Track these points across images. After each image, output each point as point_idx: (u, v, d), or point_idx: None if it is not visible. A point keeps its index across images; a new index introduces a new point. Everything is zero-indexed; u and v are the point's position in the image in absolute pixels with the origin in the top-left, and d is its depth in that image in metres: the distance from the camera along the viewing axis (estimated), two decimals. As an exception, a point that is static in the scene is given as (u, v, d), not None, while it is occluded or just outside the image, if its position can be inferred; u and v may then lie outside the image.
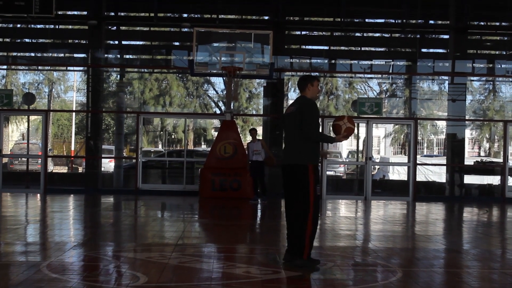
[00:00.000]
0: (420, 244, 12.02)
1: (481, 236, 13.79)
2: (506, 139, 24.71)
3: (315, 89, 9.19)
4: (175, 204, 19.90)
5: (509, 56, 29.48)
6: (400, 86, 33.91)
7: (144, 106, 38.04)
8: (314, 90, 9.19)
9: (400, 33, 28.49)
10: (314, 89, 9.18)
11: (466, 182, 26.33)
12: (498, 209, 20.96)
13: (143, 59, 30.84)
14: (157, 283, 7.68)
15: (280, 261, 9.38)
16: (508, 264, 10.03)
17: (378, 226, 14.70)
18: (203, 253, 10.33)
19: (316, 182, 8.85)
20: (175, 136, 44.77)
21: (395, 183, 30.35)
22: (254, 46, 22.71)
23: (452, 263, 10.00)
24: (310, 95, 9.16)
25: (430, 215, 18.74)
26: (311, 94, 9.18)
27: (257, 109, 41.22)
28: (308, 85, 9.17)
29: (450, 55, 26.70)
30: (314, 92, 9.20)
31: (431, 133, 52.02)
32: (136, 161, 23.86)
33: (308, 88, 9.17)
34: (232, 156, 21.77)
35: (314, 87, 9.17)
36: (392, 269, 9.03)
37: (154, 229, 13.66)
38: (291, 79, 37.76)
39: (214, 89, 42.33)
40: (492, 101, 39.32)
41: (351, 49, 29.84)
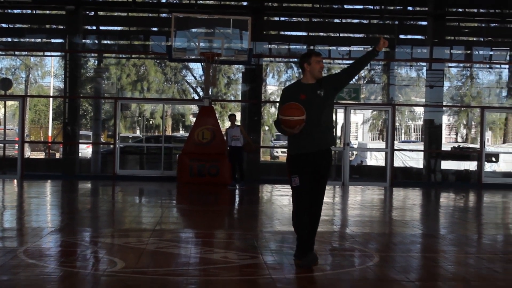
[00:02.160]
0: (397, 229, 12.08)
1: (458, 221, 13.88)
2: (483, 125, 24.84)
3: (314, 66, 7.93)
4: (153, 190, 19.86)
5: (486, 42, 29.60)
6: (378, 72, 34.00)
7: (122, 91, 37.90)
8: (313, 67, 7.93)
9: (378, 19, 28.52)
10: (313, 67, 7.93)
11: (443, 167, 26.46)
12: (475, 195, 21.10)
13: (121, 45, 30.68)
14: (134, 268, 7.67)
15: (257, 245, 9.40)
16: (483, 249, 10.10)
17: (356, 212, 14.76)
18: (181, 238, 10.34)
19: (294, 172, 7.92)
20: (153, 122, 44.66)
21: (372, 168, 30.46)
22: (233, 32, 22.66)
23: (429, 248, 10.06)
24: (310, 75, 7.96)
25: (407, 200, 18.83)
26: (311, 74, 7.96)
27: (235, 95, 41.18)
28: (304, 65, 7.99)
29: (428, 41, 26.76)
30: (314, 70, 7.94)
31: (409, 119, 52.23)
32: (113, 146, 23.78)
33: (306, 69, 7.98)
34: (210, 142, 21.74)
35: (312, 65, 7.93)
36: (369, 254, 9.07)
37: (131, 214, 13.64)
38: (270, 65, 37.78)
39: (192, 75, 42.24)
40: (470, 87, 39.52)
41: (329, 35, 29.83)
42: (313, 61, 7.95)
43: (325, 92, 7.92)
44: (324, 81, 7.99)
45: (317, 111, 7.86)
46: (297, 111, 7.56)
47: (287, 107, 7.63)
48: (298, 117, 7.56)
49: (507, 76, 34.93)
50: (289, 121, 7.57)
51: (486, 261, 8.74)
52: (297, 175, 7.89)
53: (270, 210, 15.06)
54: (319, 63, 7.97)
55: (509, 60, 30.62)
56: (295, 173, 7.91)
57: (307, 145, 7.89)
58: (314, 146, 7.90)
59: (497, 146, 42.81)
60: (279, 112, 7.74)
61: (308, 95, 7.89)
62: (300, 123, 7.58)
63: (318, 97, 7.90)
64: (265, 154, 40.66)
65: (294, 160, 7.97)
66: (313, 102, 7.85)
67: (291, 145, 8.01)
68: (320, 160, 7.95)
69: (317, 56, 8.01)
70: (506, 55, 30.50)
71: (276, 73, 41.21)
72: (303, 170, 7.89)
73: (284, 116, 7.61)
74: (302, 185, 7.86)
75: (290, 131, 7.69)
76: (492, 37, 29.81)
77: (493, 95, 38.99)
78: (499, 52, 30.47)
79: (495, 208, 17.52)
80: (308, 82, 8.00)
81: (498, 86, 37.57)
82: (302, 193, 7.87)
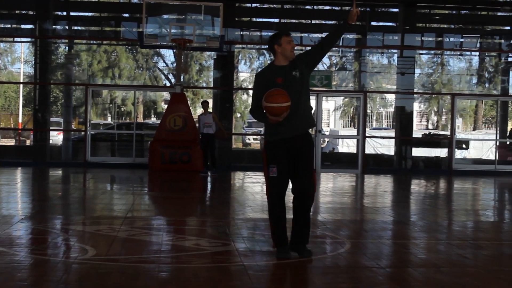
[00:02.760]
0: (369, 216, 12.14)
1: (428, 207, 13.97)
2: (454, 112, 25.00)
3: (285, 46, 7.54)
4: (125, 177, 19.80)
5: (457, 30, 29.76)
6: (350, 59, 34.10)
7: (93, 78, 37.69)
8: (285, 48, 7.55)
9: (350, 6, 28.52)
10: (284, 48, 7.55)
11: (414, 154, 26.62)
12: (445, 181, 21.24)
13: (91, 31, 30.50)
14: (105, 256, 7.65)
15: (229, 233, 9.40)
16: (454, 235, 10.18)
17: (327, 199, 14.80)
18: (153, 226, 10.31)
19: (272, 161, 7.58)
20: (124, 108, 44.47)
21: (344, 155, 30.58)
22: (205, 18, 22.60)
23: (400, 235, 10.12)
24: (282, 56, 7.59)
25: (379, 187, 18.93)
26: (283, 55, 7.59)
27: (207, 82, 41.12)
28: (275, 47, 7.59)
29: (399, 28, 26.83)
30: (285, 51, 7.56)
31: (380, 106, 52.46)
32: (85, 133, 23.67)
33: (277, 50, 7.58)
34: (182, 129, 21.69)
35: (283, 46, 7.54)
36: (340, 240, 9.10)
37: (103, 202, 13.58)
38: (242, 52, 37.74)
39: (164, 62, 42.12)
40: (440, 74, 39.76)
41: (301, 22, 29.86)
42: (283, 42, 7.55)
43: (300, 72, 7.59)
44: (298, 61, 7.64)
45: (296, 94, 7.49)
46: (283, 97, 7.26)
47: (272, 94, 7.28)
48: (285, 104, 7.25)
49: (477, 63, 35.19)
50: (277, 108, 7.25)
51: (456, 247, 8.80)
52: (275, 165, 7.55)
53: (242, 197, 15.07)
54: (290, 43, 7.58)
55: (479, 48, 30.83)
56: (272, 162, 7.56)
57: (285, 130, 7.54)
58: (292, 131, 7.56)
59: (467, 133, 43.14)
60: (264, 99, 7.32)
61: (284, 77, 7.53)
62: (286, 109, 7.28)
63: (295, 78, 7.55)
64: (237, 141, 40.68)
65: (271, 146, 7.63)
66: (291, 85, 7.49)
67: (268, 131, 7.69)
68: (299, 145, 7.60)
69: (287, 36, 7.62)
70: (476, 42, 30.71)
71: (248, 60, 41.23)
72: (281, 159, 7.55)
73: (270, 103, 7.26)
74: (279, 175, 7.55)
75: (275, 119, 7.35)
76: (462, 25, 29.99)
77: (463, 82, 39.26)
78: (470, 40, 30.67)
79: (465, 194, 17.65)
80: (281, 64, 7.63)
81: (468, 73, 37.83)
82: (278, 184, 7.56)
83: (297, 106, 7.50)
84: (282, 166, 7.55)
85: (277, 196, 7.59)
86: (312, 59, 7.74)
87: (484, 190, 19.12)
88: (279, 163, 7.54)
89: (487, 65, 35.46)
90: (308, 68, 7.70)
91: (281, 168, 7.55)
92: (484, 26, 30.50)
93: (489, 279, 7.05)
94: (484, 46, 31.43)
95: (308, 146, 7.68)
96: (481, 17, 29.69)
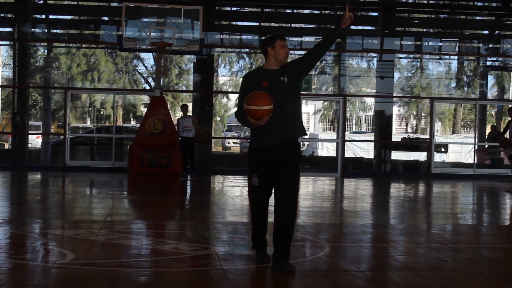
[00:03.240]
0: (348, 219, 12.16)
1: (408, 211, 14.01)
2: (433, 116, 25.11)
3: (279, 50, 7.30)
4: (104, 181, 19.73)
5: (436, 34, 29.92)
6: (330, 63, 34.13)
7: (72, 81, 37.54)
8: (278, 52, 7.31)
9: (329, 10, 28.63)
10: (277, 51, 7.31)
11: (394, 158, 26.71)
12: (424, 185, 21.32)
13: (71, 34, 30.39)
14: (84, 260, 7.61)
15: (209, 236, 9.39)
16: (433, 239, 10.21)
17: (307, 202, 14.81)
18: (132, 229, 10.29)
19: (255, 170, 7.34)
20: (103, 112, 44.31)
21: (324, 159, 30.62)
22: (184, 22, 22.59)
23: (379, 238, 10.14)
24: (274, 60, 7.34)
25: (358, 190, 18.97)
26: (275, 59, 7.33)
27: (187, 85, 41.04)
28: (268, 49, 7.33)
29: (378, 32, 26.95)
30: (278, 55, 7.31)
31: (360, 109, 52.57)
32: (64, 137, 23.57)
33: (270, 53, 7.33)
34: (162, 133, 21.66)
35: (276, 49, 7.30)
36: (320, 244, 9.11)
37: (82, 206, 13.53)
38: (221, 55, 37.71)
39: (143, 65, 41.98)
40: (420, 78, 39.93)
41: (281, 26, 29.89)
42: (277, 45, 7.29)
43: (289, 78, 7.30)
44: (288, 66, 7.37)
45: (281, 99, 7.21)
46: (264, 100, 6.96)
47: (253, 96, 6.99)
48: (266, 107, 6.96)
49: (456, 67, 35.38)
50: (256, 111, 6.96)
51: (435, 250, 8.83)
52: (257, 174, 7.30)
53: (221, 201, 15.05)
54: (284, 48, 7.33)
55: (458, 52, 31.00)
56: (254, 170, 7.32)
57: (268, 137, 7.25)
58: (277, 138, 7.25)
59: (446, 137, 43.38)
60: (245, 102, 7.05)
61: (270, 81, 7.27)
62: (267, 113, 6.98)
63: (282, 83, 7.28)
64: (217, 144, 40.63)
65: (254, 154, 7.35)
66: (276, 89, 7.23)
67: (252, 137, 7.39)
68: (284, 153, 7.27)
69: (283, 40, 7.36)
70: (455, 46, 30.88)
71: (228, 63, 41.18)
72: (264, 168, 7.29)
73: (250, 106, 6.98)
74: (261, 184, 7.32)
75: (256, 123, 7.05)
76: (441, 28, 30.15)
77: (442, 86, 39.42)
78: (449, 43, 30.84)
79: (444, 198, 17.72)
80: (271, 68, 7.36)
81: (447, 77, 38.02)
82: (259, 193, 7.35)
83: (282, 111, 7.22)
84: (264, 175, 7.31)
85: (258, 204, 7.41)
86: (304, 65, 7.41)
87: (463, 193, 19.21)
88: (260, 173, 7.30)
89: (466, 69, 35.66)
90: (299, 74, 7.40)
91: (263, 177, 7.31)
92: (462, 30, 30.70)
93: (467, 282, 7.09)
94: (462, 50, 31.62)
95: (292, 156, 7.32)
96: (460, 21, 29.87)
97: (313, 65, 7.54)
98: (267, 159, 7.28)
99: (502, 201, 17.13)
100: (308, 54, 7.41)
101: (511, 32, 31.21)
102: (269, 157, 7.28)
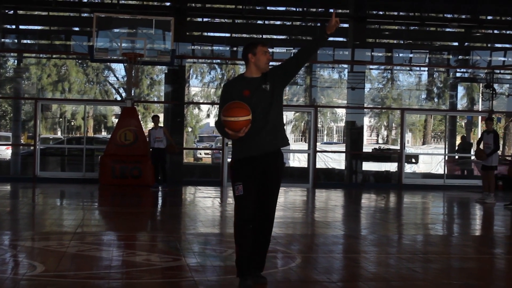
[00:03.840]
0: (320, 230, 12.18)
1: (379, 221, 14.07)
2: (403, 126, 25.25)
3: (260, 57, 6.89)
4: (75, 192, 19.61)
5: (406, 45, 30.12)
6: (301, 74, 34.22)
7: (43, 92, 37.33)
8: (259, 58, 6.90)
9: (301, 21, 28.74)
10: (258, 58, 6.89)
11: (365, 169, 26.81)
12: (395, 195, 21.41)
13: (41, 44, 30.24)
14: (55, 272, 7.56)
15: (180, 248, 9.35)
16: (403, 249, 10.25)
17: (279, 213, 14.81)
18: (103, 241, 10.23)
19: (238, 179, 6.87)
20: (74, 123, 44.11)
21: (295, 170, 30.66)
22: (156, 33, 22.56)
23: (350, 249, 10.16)
24: (255, 67, 6.92)
25: (330, 201, 19.00)
26: (256, 66, 6.92)
27: (158, 96, 40.96)
28: (249, 56, 6.91)
29: (349, 43, 27.08)
30: (260, 62, 6.90)
31: (331, 120, 52.76)
32: (34, 148, 23.41)
33: (250, 60, 6.91)
34: (133, 143, 21.58)
35: (258, 56, 6.88)
36: (292, 255, 9.11)
37: (52, 217, 13.43)
38: (193, 66, 37.72)
39: (114, 76, 41.87)
40: (390, 89, 40.14)
41: (252, 37, 29.95)
42: (259, 51, 6.87)
43: (271, 86, 6.91)
44: (270, 74, 6.98)
45: (264, 109, 6.86)
46: (242, 110, 6.58)
47: (230, 107, 6.61)
48: (243, 118, 6.57)
49: (426, 79, 35.63)
50: (234, 122, 6.58)
51: (406, 261, 8.87)
52: (241, 182, 6.84)
53: (193, 212, 15.02)
54: (266, 54, 6.91)
55: (428, 63, 31.23)
56: (238, 180, 6.85)
57: (252, 148, 6.88)
58: (260, 149, 6.88)
59: (417, 148, 43.63)
60: (222, 112, 6.69)
61: (252, 90, 6.86)
62: (245, 124, 6.60)
63: (264, 92, 6.89)
64: (188, 155, 40.57)
65: (238, 165, 6.94)
66: (258, 98, 6.85)
67: (235, 148, 7.01)
68: (268, 164, 6.94)
69: (264, 46, 6.96)
70: (425, 57, 31.13)
71: (199, 74, 41.21)
72: (249, 177, 6.86)
73: (227, 117, 6.60)
74: (246, 194, 6.83)
75: (234, 135, 6.66)
76: (412, 40, 30.36)
77: (413, 97, 39.70)
78: (419, 55, 31.09)
79: (414, 208, 17.80)
80: (252, 76, 6.94)
81: (417, 88, 38.29)
82: (244, 203, 6.85)
83: (265, 121, 6.87)
84: (249, 183, 6.85)
85: (242, 218, 6.88)
86: (286, 73, 7.02)
87: (433, 204, 19.32)
88: (245, 180, 6.84)
89: (436, 81, 35.94)
90: (281, 81, 7.02)
91: (248, 185, 6.85)
92: (432, 42, 30.94)
93: (438, 292, 7.12)
94: (433, 62, 31.87)
95: (276, 168, 7.01)
96: (430, 33, 30.10)
97: (296, 72, 7.16)
98: (251, 170, 6.89)
99: (472, 211, 17.25)
100: (290, 61, 7.05)
101: (480, 44, 31.53)
102: (253, 167, 6.91)
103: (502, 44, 30.58)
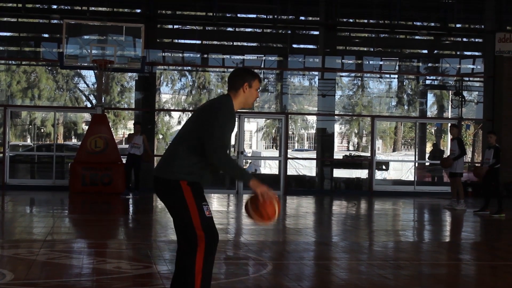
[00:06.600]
0: (291, 237, 12.19)
1: (350, 228, 14.11)
2: (374, 134, 25.37)
3: (254, 92, 6.07)
4: (44, 199, 19.48)
5: (376, 53, 30.27)
6: (272, 81, 34.25)
7: (12, 99, 37.04)
8: (252, 94, 6.07)
9: (271, 28, 28.77)
10: (252, 93, 6.05)
11: (336, 175, 26.88)
12: (366, 202, 21.50)
13: (10, 51, 30.03)
14: (24, 280, 7.50)
15: (151, 255, 9.32)
16: (375, 256, 10.29)
17: (250, 220, 14.81)
18: (73, 249, 10.17)
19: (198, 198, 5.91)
20: (44, 130, 43.80)
21: (266, 177, 30.65)
22: (126, 39, 22.50)
23: (321, 255, 10.19)
24: (243, 100, 6.02)
25: (301, 208, 19.04)
26: (245, 99, 6.03)
27: (129, 103, 40.77)
28: (244, 85, 5.97)
29: (320, 51, 27.16)
30: (251, 98, 6.08)
31: (302, 127, 52.81)
32: (3, 155, 23.22)
33: (244, 89, 5.98)
34: (103, 151, 21.49)
35: (252, 89, 6.02)
36: (263, 262, 9.11)
37: (22, 225, 13.33)
38: (164, 73, 37.59)
39: (85, 82, 41.58)
40: (361, 96, 40.26)
41: (223, 44, 29.95)
42: (254, 86, 6.03)
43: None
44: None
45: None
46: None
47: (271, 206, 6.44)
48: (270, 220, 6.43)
49: (397, 86, 35.80)
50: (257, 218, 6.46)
51: (377, 267, 8.90)
52: (206, 203, 5.98)
53: (164, 220, 14.96)
54: (257, 93, 6.13)
55: (398, 70, 31.41)
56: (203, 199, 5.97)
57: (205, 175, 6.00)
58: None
59: (387, 154, 43.80)
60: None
61: None
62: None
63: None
64: (159, 162, 40.35)
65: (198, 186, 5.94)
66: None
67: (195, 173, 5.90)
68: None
69: (260, 82, 6.14)
70: (395, 65, 31.29)
71: (170, 81, 41.03)
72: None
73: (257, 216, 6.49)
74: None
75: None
76: (381, 48, 30.51)
77: (383, 104, 39.83)
78: (389, 62, 31.24)
79: (385, 215, 17.89)
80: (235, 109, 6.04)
81: (388, 96, 38.41)
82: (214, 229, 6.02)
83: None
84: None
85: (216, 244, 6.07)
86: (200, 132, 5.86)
87: (404, 210, 19.42)
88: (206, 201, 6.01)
89: (406, 88, 36.11)
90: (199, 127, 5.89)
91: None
92: (402, 49, 31.12)
93: (409, 298, 7.15)
94: (402, 69, 32.03)
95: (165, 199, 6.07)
96: (400, 40, 30.27)
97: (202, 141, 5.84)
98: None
99: (442, 218, 17.36)
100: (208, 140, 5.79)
101: (449, 51, 31.75)
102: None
103: (471, 52, 30.82)
